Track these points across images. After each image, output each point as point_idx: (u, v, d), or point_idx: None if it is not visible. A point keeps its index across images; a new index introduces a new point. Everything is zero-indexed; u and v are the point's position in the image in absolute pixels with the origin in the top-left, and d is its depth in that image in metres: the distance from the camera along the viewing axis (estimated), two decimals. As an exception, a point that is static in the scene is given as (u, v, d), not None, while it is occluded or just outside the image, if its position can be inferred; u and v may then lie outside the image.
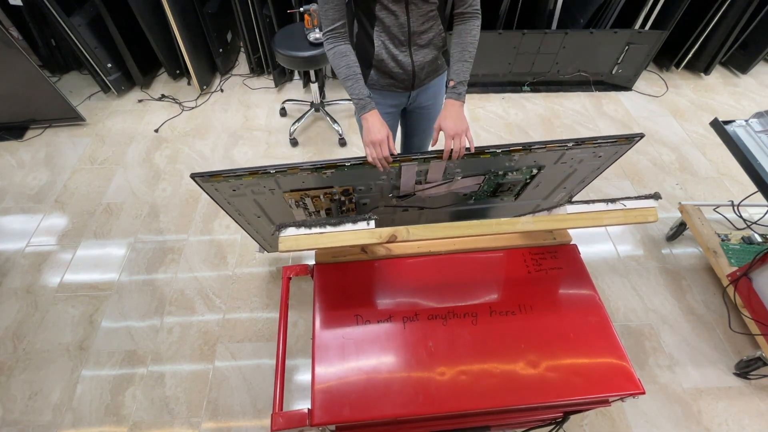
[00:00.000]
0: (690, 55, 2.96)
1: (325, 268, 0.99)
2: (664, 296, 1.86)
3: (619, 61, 2.80)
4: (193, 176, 1.08)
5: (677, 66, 3.09)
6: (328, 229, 0.82)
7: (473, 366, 0.81)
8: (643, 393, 0.79)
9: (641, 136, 1.05)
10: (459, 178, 1.20)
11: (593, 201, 0.88)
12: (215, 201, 1.17)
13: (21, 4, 2.50)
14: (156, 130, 2.68)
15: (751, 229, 1.74)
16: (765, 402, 1.56)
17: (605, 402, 0.88)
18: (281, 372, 0.89)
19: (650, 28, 2.69)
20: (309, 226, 0.82)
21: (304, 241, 0.81)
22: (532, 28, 2.68)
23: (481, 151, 1.04)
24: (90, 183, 2.35)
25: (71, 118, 2.64)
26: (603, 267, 1.96)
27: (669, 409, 1.55)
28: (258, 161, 2.47)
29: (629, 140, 1.04)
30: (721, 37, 2.80)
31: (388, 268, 0.99)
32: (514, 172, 1.15)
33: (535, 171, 1.16)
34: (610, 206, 0.86)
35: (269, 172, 1.09)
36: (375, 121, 1.10)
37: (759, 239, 1.79)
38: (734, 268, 1.68)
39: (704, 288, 1.88)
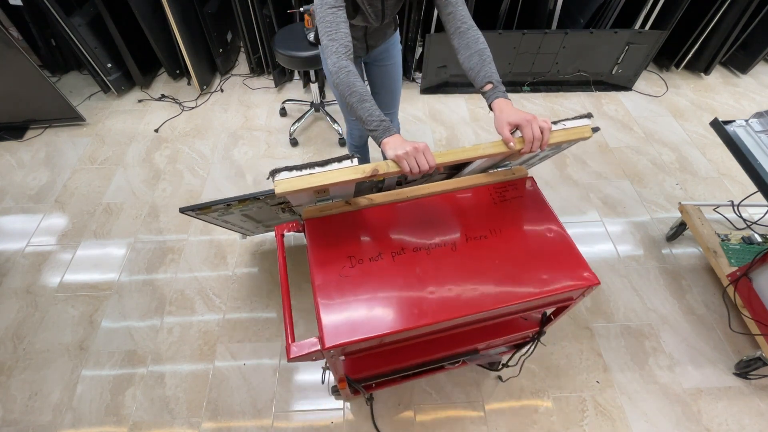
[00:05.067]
0: (690, 55, 2.96)
1: (315, 221, 1.09)
2: (664, 296, 1.86)
3: (619, 61, 2.80)
4: (182, 210, 1.19)
5: (677, 66, 3.09)
6: (317, 170, 0.90)
7: (457, 282, 0.96)
8: (598, 284, 0.95)
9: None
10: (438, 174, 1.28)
11: None
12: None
13: (21, 4, 2.50)
14: (156, 130, 2.68)
15: (751, 229, 1.74)
16: (765, 402, 1.56)
17: (570, 299, 1.03)
18: (288, 309, 1.03)
19: (650, 28, 2.69)
20: (300, 169, 0.90)
21: (297, 182, 0.89)
22: (532, 28, 2.68)
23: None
24: (90, 183, 2.35)
25: (71, 118, 2.64)
26: (603, 267, 1.96)
27: (669, 409, 1.55)
28: (258, 161, 2.47)
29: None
30: (721, 37, 2.80)
31: (372, 216, 1.10)
32: None
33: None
34: (554, 127, 1.01)
35: (258, 198, 1.17)
36: (401, 138, 0.98)
37: (759, 239, 1.79)
38: (734, 268, 1.69)
39: (704, 288, 1.88)
